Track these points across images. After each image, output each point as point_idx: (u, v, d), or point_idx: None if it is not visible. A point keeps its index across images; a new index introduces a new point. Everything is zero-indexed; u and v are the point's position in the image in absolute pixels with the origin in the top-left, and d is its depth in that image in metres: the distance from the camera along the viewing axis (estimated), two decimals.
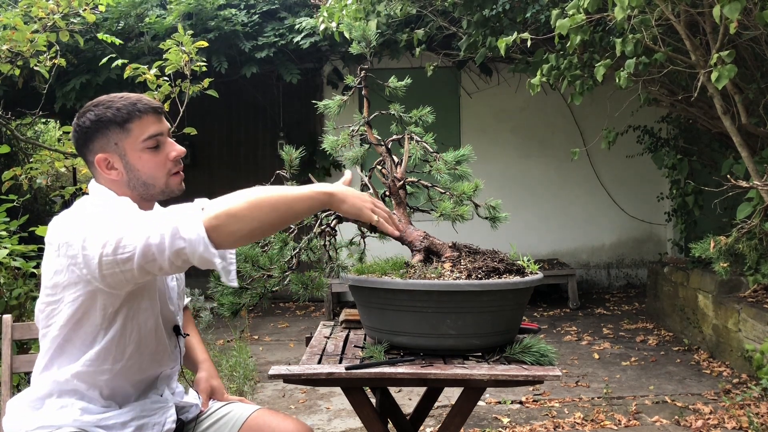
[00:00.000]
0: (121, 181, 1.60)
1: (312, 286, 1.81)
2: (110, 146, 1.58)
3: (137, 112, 1.58)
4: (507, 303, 1.84)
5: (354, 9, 5.25)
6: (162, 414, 1.65)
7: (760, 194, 3.46)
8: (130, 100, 1.60)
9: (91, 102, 1.63)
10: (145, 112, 1.59)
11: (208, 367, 1.93)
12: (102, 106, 1.59)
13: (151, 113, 1.60)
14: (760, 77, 4.18)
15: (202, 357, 1.95)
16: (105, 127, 1.57)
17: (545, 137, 7.49)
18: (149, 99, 1.63)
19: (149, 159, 1.60)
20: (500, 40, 3.91)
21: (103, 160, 1.59)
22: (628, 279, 7.65)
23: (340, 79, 7.04)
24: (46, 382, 1.56)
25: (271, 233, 1.49)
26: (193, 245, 1.34)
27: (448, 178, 2.14)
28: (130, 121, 1.58)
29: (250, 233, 1.38)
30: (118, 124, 1.57)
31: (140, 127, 1.59)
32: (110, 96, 1.62)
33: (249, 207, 1.37)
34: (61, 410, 1.54)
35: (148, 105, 1.61)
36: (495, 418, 3.73)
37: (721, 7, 2.81)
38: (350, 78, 2.18)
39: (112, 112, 1.57)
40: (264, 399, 4.13)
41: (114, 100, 1.60)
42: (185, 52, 3.34)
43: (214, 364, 1.98)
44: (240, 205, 1.37)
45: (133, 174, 1.60)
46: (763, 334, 4.10)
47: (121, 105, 1.58)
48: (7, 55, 3.38)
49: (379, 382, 1.91)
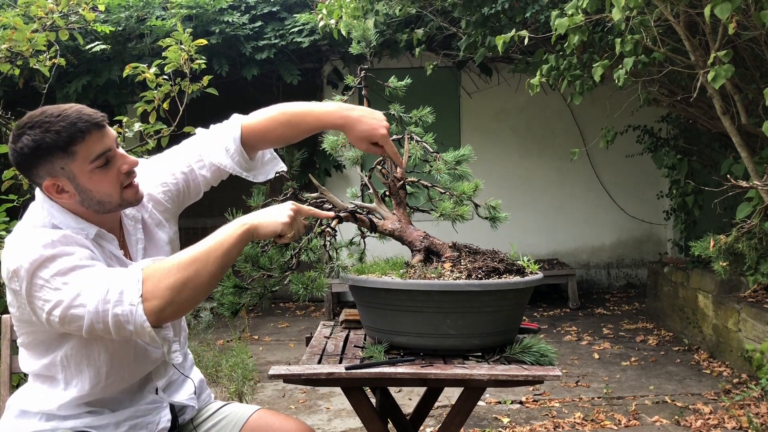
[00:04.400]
0: (74, 202, 1.50)
1: (312, 286, 1.81)
2: (56, 171, 1.46)
3: (79, 133, 1.44)
4: (507, 303, 1.84)
5: (353, 7, 5.25)
6: (156, 413, 1.64)
7: (759, 194, 3.46)
8: (68, 120, 1.44)
9: (24, 120, 1.47)
10: (87, 131, 1.45)
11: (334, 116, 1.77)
12: (38, 128, 1.43)
13: (95, 130, 1.46)
14: (760, 77, 4.18)
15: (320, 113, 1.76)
16: (47, 153, 1.44)
17: (545, 137, 7.49)
18: (89, 112, 1.48)
19: (101, 178, 1.49)
20: (498, 37, 3.90)
21: (52, 186, 1.48)
22: (628, 279, 7.65)
23: (340, 79, 7.04)
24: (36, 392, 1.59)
25: (215, 284, 1.47)
26: (138, 329, 1.37)
27: (448, 178, 2.14)
28: (73, 143, 1.44)
29: (195, 300, 1.41)
30: (61, 148, 1.44)
31: (86, 148, 1.45)
32: (45, 114, 1.45)
33: (186, 278, 1.38)
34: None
35: (89, 122, 1.45)
36: (495, 418, 3.73)
37: (711, 7, 2.81)
38: (350, 78, 2.18)
39: (51, 137, 1.43)
40: (264, 399, 4.13)
41: (51, 121, 1.44)
42: (185, 50, 3.33)
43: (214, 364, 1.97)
44: (177, 277, 1.38)
45: (86, 195, 1.49)
46: (763, 334, 4.10)
47: (60, 127, 1.43)
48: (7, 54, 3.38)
49: (379, 382, 1.91)
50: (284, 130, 1.74)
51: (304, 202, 2.06)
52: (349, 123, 1.73)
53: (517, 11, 4.86)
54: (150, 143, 3.45)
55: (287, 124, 1.73)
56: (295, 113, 1.73)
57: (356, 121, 1.73)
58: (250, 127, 1.72)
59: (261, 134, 1.73)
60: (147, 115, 3.42)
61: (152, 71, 3.38)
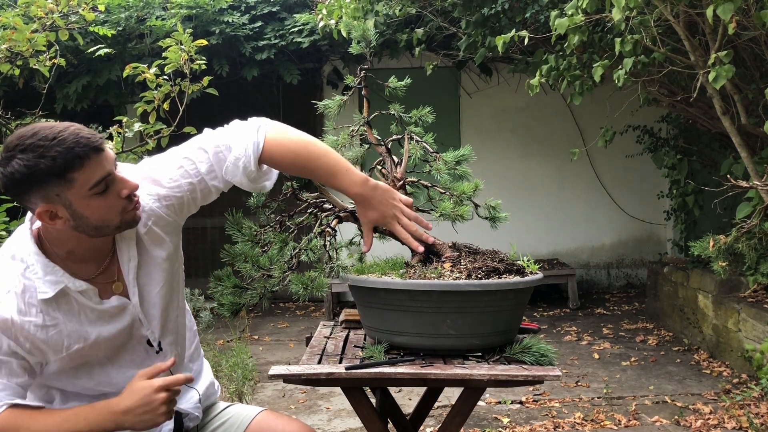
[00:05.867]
0: (68, 228, 1.42)
1: (312, 286, 1.81)
2: (51, 197, 1.37)
3: (77, 159, 1.34)
4: (507, 303, 1.84)
5: (353, 8, 5.25)
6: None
7: (759, 194, 3.46)
8: (65, 144, 1.33)
9: (14, 142, 1.35)
10: (86, 156, 1.35)
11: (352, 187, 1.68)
12: (31, 153, 1.33)
13: (93, 155, 1.36)
14: (760, 77, 4.18)
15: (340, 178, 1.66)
16: (41, 180, 1.34)
17: (545, 137, 7.49)
18: (86, 134, 1.37)
19: (99, 204, 1.40)
20: (498, 37, 3.91)
21: (46, 213, 1.39)
22: (628, 279, 7.65)
23: (340, 79, 7.04)
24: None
25: None
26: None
27: (448, 178, 2.14)
28: (71, 170, 1.35)
29: None
30: (57, 175, 1.34)
31: (84, 175, 1.36)
32: (39, 136, 1.34)
33: None
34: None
35: (87, 146, 1.36)
36: (495, 418, 3.73)
37: (714, 8, 2.81)
38: (350, 78, 2.18)
39: (46, 164, 1.32)
40: (264, 399, 4.13)
41: (45, 145, 1.33)
42: (185, 50, 3.33)
43: (214, 364, 1.96)
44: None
45: (82, 221, 1.41)
46: (763, 334, 4.10)
47: (55, 153, 1.33)
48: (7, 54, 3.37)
49: (379, 382, 1.91)
50: (299, 171, 1.66)
51: (304, 201, 2.06)
52: (364, 202, 1.68)
53: (517, 11, 4.86)
54: (150, 143, 3.45)
55: (303, 169, 1.64)
56: (318, 165, 1.62)
57: (370, 204, 1.69)
58: (269, 153, 1.58)
59: (276, 162, 1.62)
60: (147, 116, 3.42)
61: (152, 71, 3.38)
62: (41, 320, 1.44)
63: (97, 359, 1.54)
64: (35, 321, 1.44)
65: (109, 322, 1.52)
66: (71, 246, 1.48)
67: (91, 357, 1.53)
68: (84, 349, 1.50)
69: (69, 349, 1.48)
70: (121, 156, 3.35)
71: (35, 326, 1.44)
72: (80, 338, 1.49)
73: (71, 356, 1.49)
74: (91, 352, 1.52)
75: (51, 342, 1.46)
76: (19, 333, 1.42)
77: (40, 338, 1.45)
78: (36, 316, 1.44)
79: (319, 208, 2.01)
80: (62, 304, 1.47)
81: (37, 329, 1.44)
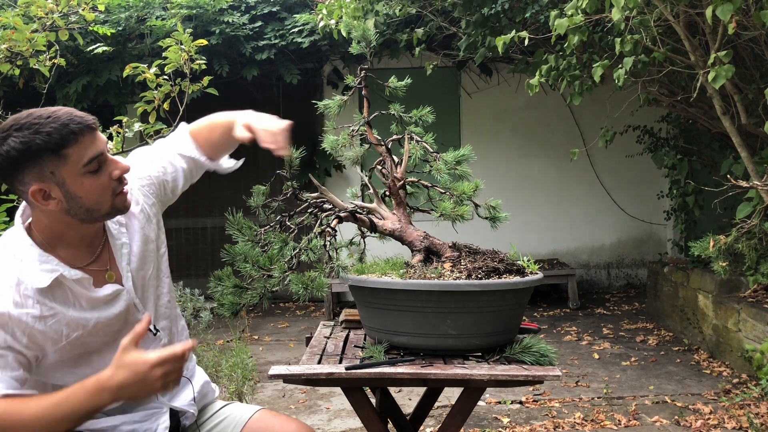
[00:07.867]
0: (60, 210, 1.44)
1: (312, 286, 1.81)
2: (45, 175, 1.40)
3: (72, 134, 1.38)
4: (507, 303, 1.84)
5: (353, 8, 5.25)
6: (154, 420, 1.63)
7: (759, 194, 3.46)
8: (60, 121, 1.38)
9: (10, 123, 1.39)
10: (80, 133, 1.39)
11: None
12: (27, 129, 1.37)
13: (87, 132, 1.41)
14: (760, 77, 4.18)
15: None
16: (36, 156, 1.37)
17: (545, 137, 7.49)
18: (80, 114, 1.42)
19: (92, 183, 1.43)
20: (498, 38, 3.91)
21: (39, 192, 1.41)
22: (628, 279, 7.65)
23: (340, 79, 7.04)
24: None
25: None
26: None
27: (448, 178, 2.14)
28: (65, 146, 1.38)
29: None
30: (52, 151, 1.38)
31: (78, 151, 1.40)
32: (34, 116, 1.40)
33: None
34: None
35: (82, 123, 1.40)
36: (495, 418, 3.73)
37: (713, 8, 2.81)
38: (350, 78, 2.18)
39: (41, 138, 1.36)
40: (264, 399, 4.13)
41: (40, 122, 1.38)
42: (185, 50, 3.33)
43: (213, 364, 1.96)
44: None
45: (75, 202, 1.43)
46: (763, 334, 4.10)
47: (51, 129, 1.37)
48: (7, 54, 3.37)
49: (379, 382, 1.91)
50: (218, 136, 1.80)
51: (304, 201, 2.06)
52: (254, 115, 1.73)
53: (517, 11, 4.86)
54: (150, 143, 3.45)
55: (213, 130, 1.80)
56: (220, 122, 1.80)
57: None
58: (195, 130, 1.80)
59: (203, 137, 1.79)
60: (147, 115, 3.42)
61: (152, 71, 3.38)
62: (38, 311, 1.45)
63: (95, 346, 1.54)
64: (32, 312, 1.44)
65: (105, 309, 1.54)
66: (63, 233, 1.49)
67: (90, 344, 1.53)
68: (83, 336, 1.51)
69: (68, 337, 1.48)
70: (122, 156, 3.34)
71: (33, 318, 1.44)
72: (79, 326, 1.50)
73: (71, 344, 1.50)
74: (89, 339, 1.52)
75: (50, 332, 1.46)
76: (16, 327, 1.43)
77: (38, 329, 1.45)
78: (33, 307, 1.45)
79: (319, 208, 2.02)
80: (57, 294, 1.48)
81: (35, 320, 1.44)
